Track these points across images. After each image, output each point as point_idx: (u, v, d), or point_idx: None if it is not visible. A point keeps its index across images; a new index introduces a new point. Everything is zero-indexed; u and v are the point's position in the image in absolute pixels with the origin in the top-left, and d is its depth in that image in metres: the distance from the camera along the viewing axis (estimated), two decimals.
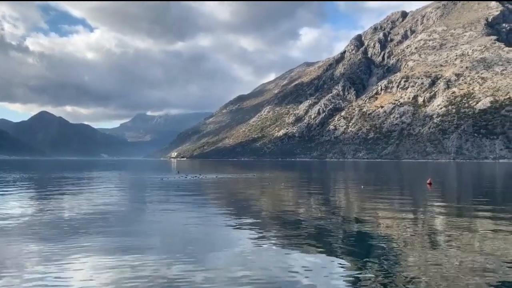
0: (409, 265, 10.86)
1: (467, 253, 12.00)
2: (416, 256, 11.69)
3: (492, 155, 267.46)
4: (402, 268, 10.60)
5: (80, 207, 22.85)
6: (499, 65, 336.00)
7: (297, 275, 10.09)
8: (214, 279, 9.76)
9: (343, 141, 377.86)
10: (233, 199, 28.95)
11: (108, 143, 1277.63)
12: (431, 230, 15.89)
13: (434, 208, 22.61)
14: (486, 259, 11.26)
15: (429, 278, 9.72)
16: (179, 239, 14.42)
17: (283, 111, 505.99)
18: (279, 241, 13.85)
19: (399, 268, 10.55)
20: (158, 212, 20.98)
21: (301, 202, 26.18)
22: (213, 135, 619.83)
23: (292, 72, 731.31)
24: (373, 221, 17.92)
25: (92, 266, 10.81)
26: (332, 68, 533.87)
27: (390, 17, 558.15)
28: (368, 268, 10.68)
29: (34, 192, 33.14)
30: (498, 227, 16.24)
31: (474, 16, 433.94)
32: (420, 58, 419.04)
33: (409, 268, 10.55)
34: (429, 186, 39.39)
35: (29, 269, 10.56)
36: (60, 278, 9.91)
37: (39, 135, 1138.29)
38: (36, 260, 11.33)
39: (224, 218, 18.95)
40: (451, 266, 10.61)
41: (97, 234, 14.94)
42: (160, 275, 10.03)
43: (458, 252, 12.07)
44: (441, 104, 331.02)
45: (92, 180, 51.59)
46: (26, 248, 12.71)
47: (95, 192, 32.53)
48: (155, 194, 32.24)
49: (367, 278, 9.87)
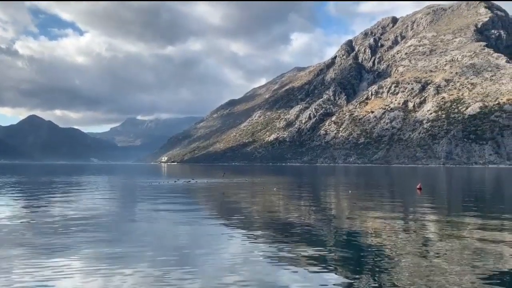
0: (398, 271, 10.77)
1: (456, 257, 11.93)
2: (406, 262, 11.60)
3: (482, 160, 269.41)
4: (392, 274, 10.50)
5: (66, 212, 22.52)
6: (488, 71, 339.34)
7: (287, 280, 9.99)
8: (204, 286, 9.62)
9: (334, 146, 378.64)
10: (226, 203, 28.78)
11: (98, 147, 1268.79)
12: (421, 234, 15.83)
13: (424, 213, 22.57)
14: (475, 261, 11.21)
15: (420, 283, 9.62)
16: (168, 245, 14.22)
17: (274, 116, 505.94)
18: (270, 247, 13.70)
19: (388, 274, 10.45)
20: (148, 218, 20.75)
21: (292, 207, 26.06)
22: (204, 140, 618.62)
23: (283, 76, 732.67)
24: (363, 227, 17.85)
25: (78, 274, 10.59)
26: (323, 73, 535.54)
27: (381, 22, 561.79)
28: (357, 272, 10.58)
29: (21, 197, 32.69)
30: (486, 230, 16.24)
31: (463, 22, 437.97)
32: (410, 63, 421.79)
33: (399, 274, 10.45)
34: (419, 191, 39.45)
35: (11, 277, 10.32)
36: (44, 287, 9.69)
37: (28, 139, 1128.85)
38: (19, 268, 11.07)
39: (215, 223, 18.77)
40: (441, 272, 10.53)
41: (84, 241, 14.69)
42: (148, 281, 9.86)
43: (448, 255, 12.01)
44: (431, 110, 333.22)
45: (80, 184, 51.12)
46: (7, 255, 12.44)
47: (83, 197, 32.20)
48: (145, 199, 31.94)
49: (356, 283, 9.76)
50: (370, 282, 9.92)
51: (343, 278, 10.31)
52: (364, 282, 9.94)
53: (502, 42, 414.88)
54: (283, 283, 9.88)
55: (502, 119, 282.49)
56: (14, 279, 10.05)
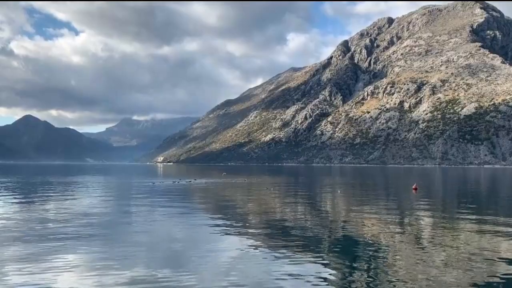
0: (394, 269, 10.79)
1: (452, 255, 11.97)
2: (402, 260, 11.64)
3: (477, 161, 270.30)
4: (387, 273, 10.52)
5: (59, 214, 22.43)
6: (484, 72, 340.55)
7: (282, 281, 9.98)
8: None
9: (330, 146, 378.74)
10: (231, 204, 28.80)
11: (94, 147, 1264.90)
12: (417, 234, 15.89)
13: (420, 212, 22.64)
14: (471, 261, 11.25)
15: (416, 282, 9.63)
16: (167, 245, 14.21)
17: (270, 116, 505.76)
18: (270, 248, 13.71)
19: (384, 273, 10.48)
20: (151, 218, 20.72)
21: (290, 207, 26.07)
22: (200, 140, 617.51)
23: (279, 77, 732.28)
24: (359, 226, 17.88)
25: (73, 275, 10.56)
26: (319, 73, 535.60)
27: (377, 23, 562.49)
28: (353, 272, 10.60)
29: (15, 197, 32.53)
30: (482, 229, 16.30)
31: (459, 23, 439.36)
32: (406, 64, 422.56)
33: (394, 273, 10.47)
34: (414, 191, 39.54)
35: (4, 279, 10.25)
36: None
37: (24, 139, 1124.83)
38: (12, 270, 11.04)
39: (220, 224, 18.77)
40: (438, 270, 10.55)
41: (80, 244, 14.64)
42: (146, 283, 9.83)
43: (444, 255, 12.05)
44: (426, 110, 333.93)
45: (74, 185, 51.02)
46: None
47: (76, 198, 32.15)
48: (144, 200, 31.89)
49: (352, 283, 9.77)
50: (366, 281, 9.94)
51: (339, 279, 10.32)
52: (361, 281, 9.96)
53: (497, 42, 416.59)
54: (279, 283, 9.89)
55: (498, 119, 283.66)
56: (7, 280, 10.01)
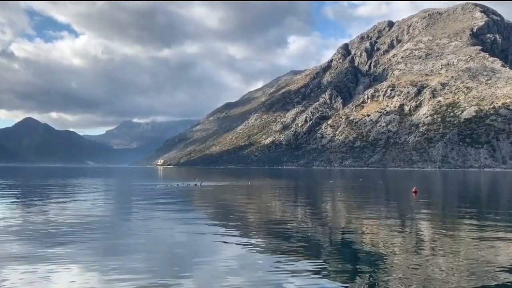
0: (394, 274, 10.87)
1: (452, 259, 12.05)
2: (402, 265, 11.70)
3: (477, 164, 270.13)
4: (387, 278, 10.60)
5: (61, 217, 22.46)
6: (484, 75, 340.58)
7: (284, 284, 10.07)
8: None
9: (330, 149, 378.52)
10: (243, 207, 28.89)
11: (94, 150, 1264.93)
12: (417, 238, 15.95)
13: (419, 216, 22.71)
14: (471, 265, 11.32)
15: (416, 287, 9.73)
16: (169, 247, 14.30)
17: (270, 119, 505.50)
18: (271, 252, 13.80)
19: (384, 278, 10.55)
20: (156, 221, 20.80)
21: (291, 210, 26.13)
22: (200, 143, 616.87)
23: (279, 80, 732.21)
24: (359, 229, 17.96)
25: (74, 276, 10.63)
26: (319, 76, 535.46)
27: (377, 26, 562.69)
28: (353, 277, 10.69)
29: (16, 200, 32.61)
30: (482, 234, 16.37)
31: (459, 27, 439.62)
32: (406, 67, 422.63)
33: (394, 278, 10.55)
34: (414, 194, 39.61)
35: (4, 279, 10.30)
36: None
37: (24, 142, 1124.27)
38: (12, 269, 11.10)
39: (227, 227, 18.85)
40: (438, 274, 10.64)
41: (81, 247, 14.71)
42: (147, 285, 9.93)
43: (444, 258, 12.13)
44: (426, 113, 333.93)
45: (75, 187, 51.06)
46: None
47: (78, 201, 32.19)
48: (148, 202, 31.95)
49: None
50: (366, 286, 10.04)
51: (339, 285, 10.42)
52: (361, 287, 10.06)
53: (497, 46, 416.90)
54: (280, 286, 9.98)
55: (498, 123, 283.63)
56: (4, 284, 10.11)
